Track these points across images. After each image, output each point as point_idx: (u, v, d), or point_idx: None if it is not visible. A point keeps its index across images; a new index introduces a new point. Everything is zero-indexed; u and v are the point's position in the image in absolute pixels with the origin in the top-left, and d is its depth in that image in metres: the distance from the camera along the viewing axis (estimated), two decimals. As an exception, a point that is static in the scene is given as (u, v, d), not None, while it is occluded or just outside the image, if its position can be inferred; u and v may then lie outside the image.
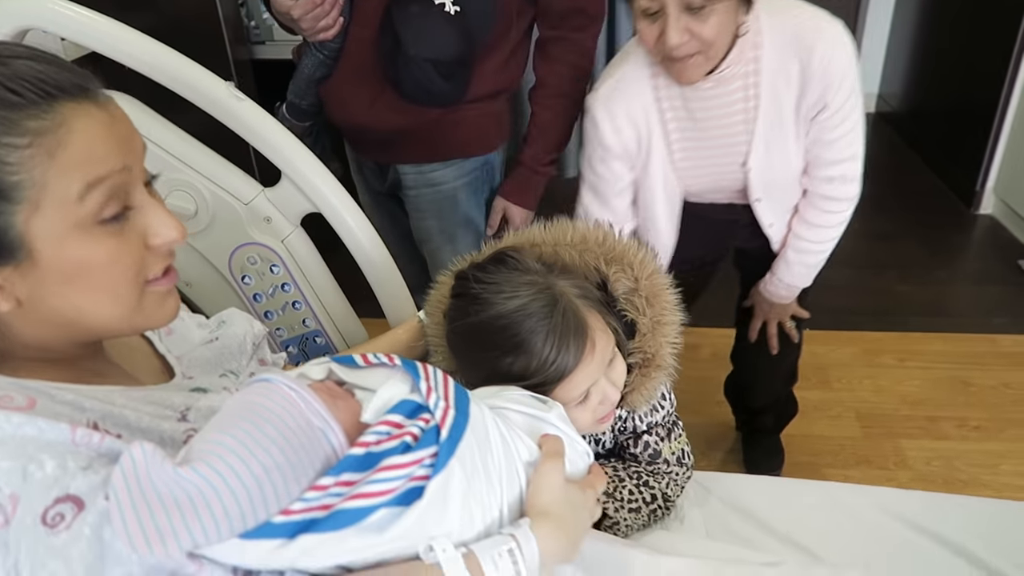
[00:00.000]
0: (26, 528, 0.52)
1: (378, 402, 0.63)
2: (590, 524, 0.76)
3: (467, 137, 1.45)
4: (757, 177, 1.30)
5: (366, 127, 1.42)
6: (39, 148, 0.56)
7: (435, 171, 1.46)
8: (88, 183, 0.58)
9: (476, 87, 1.38)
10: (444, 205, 1.49)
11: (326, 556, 0.58)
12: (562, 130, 1.47)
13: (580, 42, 1.41)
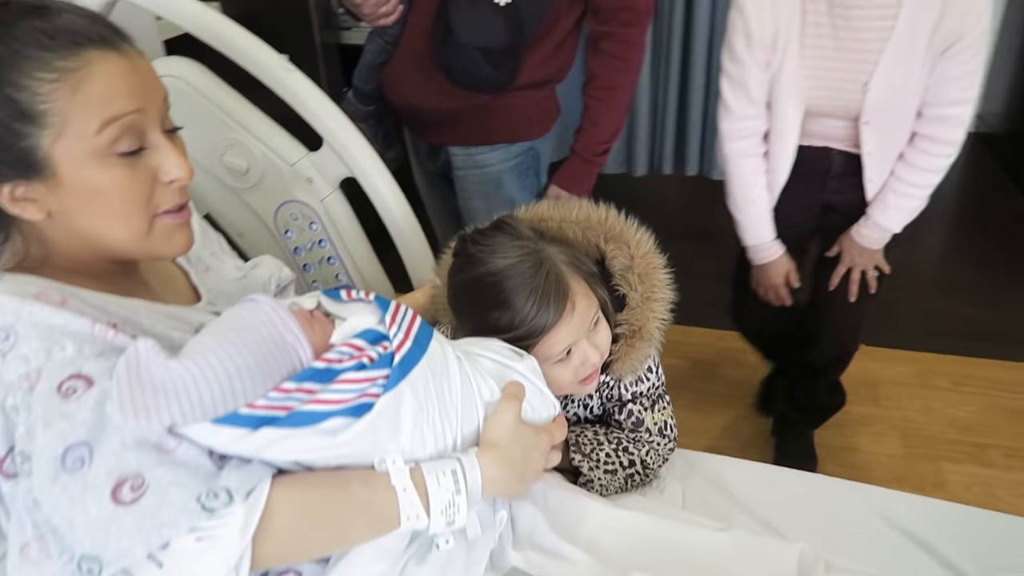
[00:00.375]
0: (44, 395, 0.64)
1: (346, 328, 0.73)
2: (542, 465, 0.83)
3: (513, 123, 1.52)
4: (874, 99, 1.34)
5: (420, 109, 1.51)
6: (64, 84, 0.67)
7: (482, 154, 1.53)
8: (105, 120, 0.69)
9: (523, 76, 1.45)
10: (489, 187, 1.56)
11: (285, 451, 0.68)
12: (612, 122, 1.52)
13: (629, 37, 1.45)
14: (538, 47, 1.45)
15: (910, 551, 1.01)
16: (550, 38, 1.46)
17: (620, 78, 1.48)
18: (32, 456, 0.63)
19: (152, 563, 0.63)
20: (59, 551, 0.62)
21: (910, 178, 1.42)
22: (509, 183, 1.57)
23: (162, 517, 0.62)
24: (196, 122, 1.16)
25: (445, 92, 1.43)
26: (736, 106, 1.43)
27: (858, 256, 1.56)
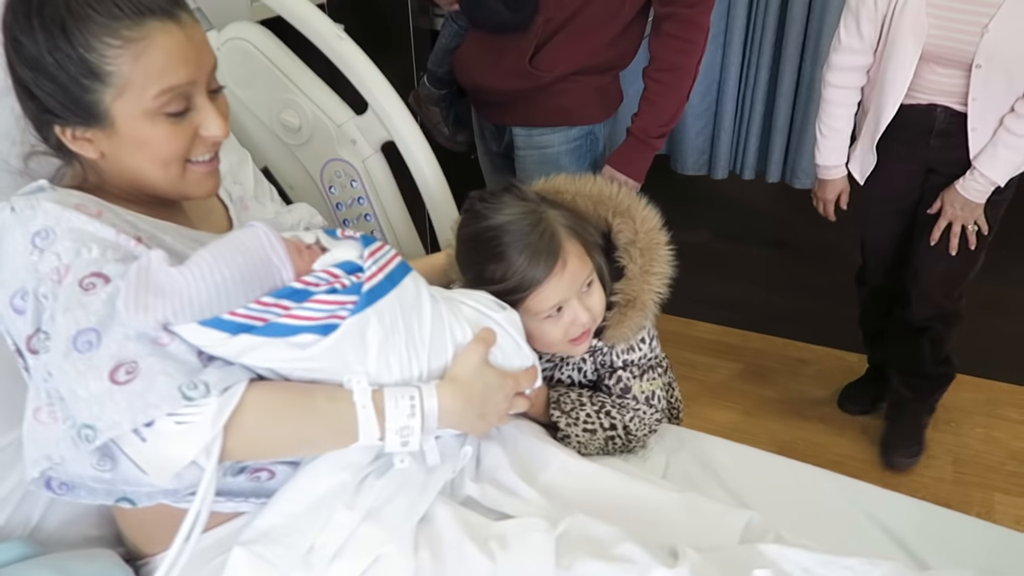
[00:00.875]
0: (68, 286, 0.76)
1: (328, 258, 0.81)
2: (505, 408, 0.90)
3: (574, 106, 1.57)
4: (989, 42, 1.44)
5: (487, 89, 1.59)
6: (128, 51, 0.78)
7: (543, 135, 1.59)
8: (161, 89, 0.80)
9: (586, 60, 1.50)
10: (548, 168, 1.57)
11: (261, 358, 0.78)
12: (671, 104, 1.55)
13: (691, 18, 1.47)
14: (601, 31, 1.49)
15: (884, 545, 1.01)
16: (614, 23, 1.50)
17: (682, 59, 1.50)
18: (51, 335, 0.75)
19: (136, 437, 0.73)
20: (64, 417, 0.74)
21: (1020, 130, 1.50)
22: (567, 165, 1.61)
23: (148, 399, 0.72)
24: (259, 82, 1.29)
25: (511, 73, 1.50)
26: (846, 38, 1.60)
27: (960, 209, 1.64)
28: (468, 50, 1.59)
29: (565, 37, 1.47)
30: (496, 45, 1.51)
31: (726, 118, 2.92)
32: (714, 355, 2.45)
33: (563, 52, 1.48)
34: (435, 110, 1.93)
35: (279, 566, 0.78)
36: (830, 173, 1.78)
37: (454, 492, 0.91)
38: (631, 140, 1.58)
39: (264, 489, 0.86)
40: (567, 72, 1.50)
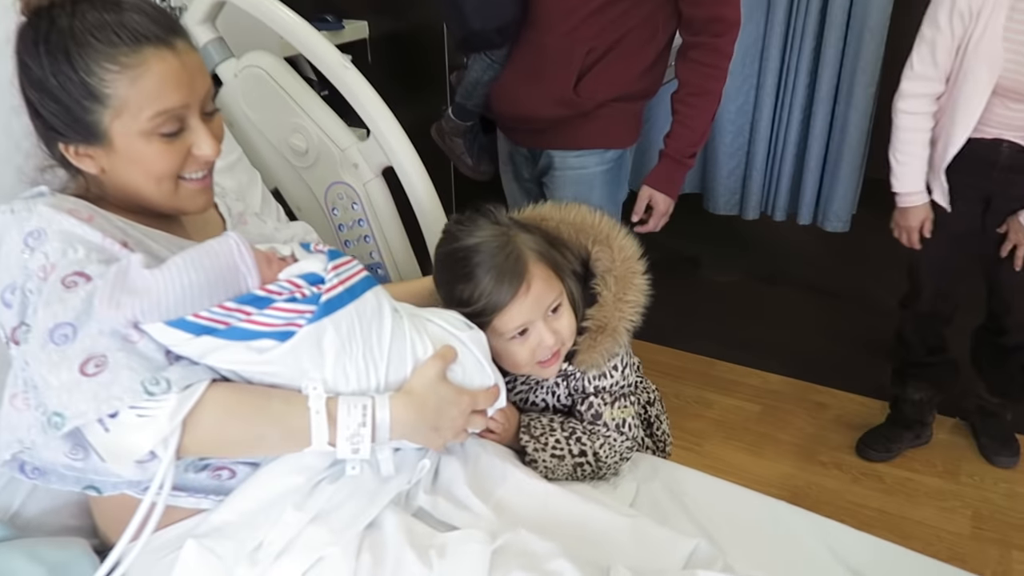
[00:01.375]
0: (52, 283, 0.82)
1: (294, 269, 0.86)
2: (460, 424, 0.92)
3: (609, 131, 1.66)
4: None
5: (529, 117, 1.67)
6: (125, 75, 0.84)
7: (579, 157, 1.68)
8: (155, 112, 0.86)
9: (621, 88, 1.60)
10: (582, 188, 1.70)
11: (222, 360, 0.82)
12: (700, 126, 1.64)
13: (719, 46, 1.57)
14: (638, 59, 1.60)
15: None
16: (647, 51, 1.60)
17: (711, 84, 1.60)
18: (32, 328, 0.81)
19: (100, 427, 0.78)
20: (36, 405, 0.79)
21: None
22: (600, 186, 1.71)
23: (112, 391, 0.77)
24: (270, 106, 1.37)
25: (554, 101, 1.59)
26: (919, 66, 1.64)
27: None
28: (508, 81, 1.67)
29: (605, 66, 1.57)
30: (538, 75, 1.59)
31: (758, 159, 2.93)
32: (732, 395, 2.42)
33: (604, 80, 1.58)
34: (459, 141, 1.99)
35: (226, 560, 0.82)
36: (911, 200, 1.78)
37: (408, 503, 0.93)
38: (667, 160, 1.67)
39: (224, 488, 0.90)
40: (607, 99, 1.59)
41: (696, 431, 2.24)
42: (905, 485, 2.05)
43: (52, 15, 0.84)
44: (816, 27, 2.66)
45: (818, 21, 2.65)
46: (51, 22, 0.83)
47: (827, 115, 2.75)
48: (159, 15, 0.89)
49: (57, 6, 0.84)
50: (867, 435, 2.17)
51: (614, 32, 1.54)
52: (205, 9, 1.36)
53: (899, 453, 2.12)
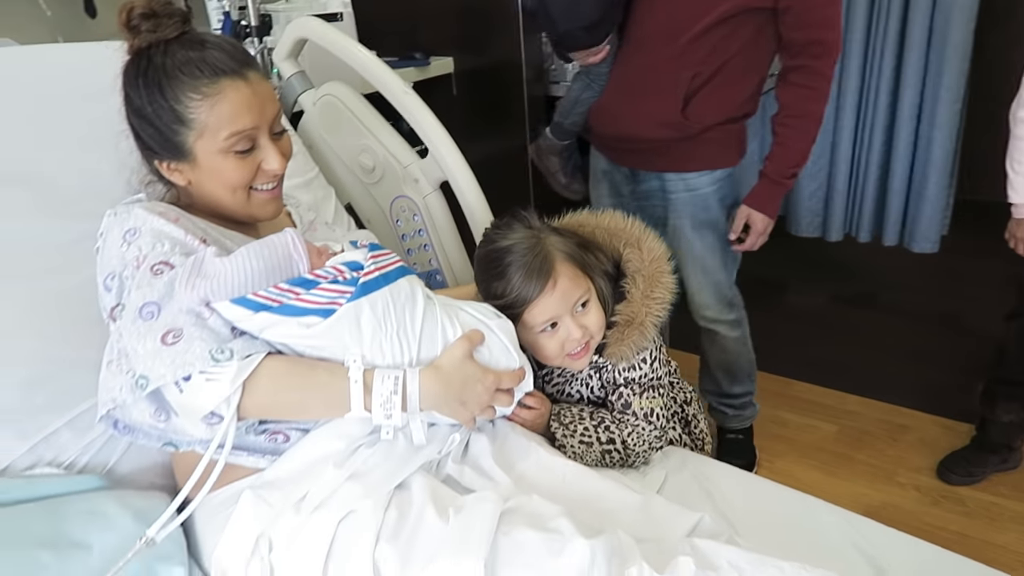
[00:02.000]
0: (143, 271, 0.98)
1: (339, 258, 0.99)
2: (485, 399, 1.02)
3: (719, 151, 1.71)
4: None
5: (633, 138, 1.71)
6: (205, 102, 1.01)
7: (694, 178, 1.72)
8: (230, 133, 1.02)
9: (730, 111, 1.65)
10: (698, 208, 1.74)
11: (277, 335, 0.96)
12: (801, 147, 1.66)
13: (818, 69, 1.58)
14: (743, 83, 1.64)
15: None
16: (752, 76, 1.65)
17: (810, 106, 1.61)
18: (126, 307, 0.97)
19: (176, 388, 0.92)
20: (127, 370, 0.95)
21: None
22: (714, 204, 1.75)
23: (186, 358, 0.92)
24: (343, 129, 1.53)
25: (660, 123, 1.63)
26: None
27: None
28: (611, 102, 1.73)
29: (711, 91, 1.60)
30: (642, 96, 1.64)
31: (840, 180, 2.90)
32: (809, 415, 2.39)
33: (711, 105, 1.61)
34: (555, 160, 2.07)
35: (275, 508, 0.94)
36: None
37: (437, 470, 1.03)
38: (766, 181, 1.70)
39: (279, 450, 1.03)
40: (715, 123, 1.63)
41: (769, 449, 2.23)
42: (989, 509, 1.96)
43: (150, 54, 1.01)
44: (895, 46, 2.64)
45: (897, 41, 2.63)
46: (148, 60, 1.01)
47: (910, 134, 2.71)
48: (235, 51, 1.05)
49: (154, 46, 1.01)
50: (949, 458, 2.10)
51: (719, 57, 1.57)
52: (289, 46, 1.54)
53: (983, 477, 2.04)
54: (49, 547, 0.93)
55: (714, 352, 2.01)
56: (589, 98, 1.74)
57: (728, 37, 1.55)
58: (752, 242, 1.75)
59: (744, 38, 1.56)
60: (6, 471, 1.05)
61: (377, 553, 0.89)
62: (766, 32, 1.57)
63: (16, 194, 1.18)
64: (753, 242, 1.75)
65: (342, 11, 1.94)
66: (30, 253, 1.17)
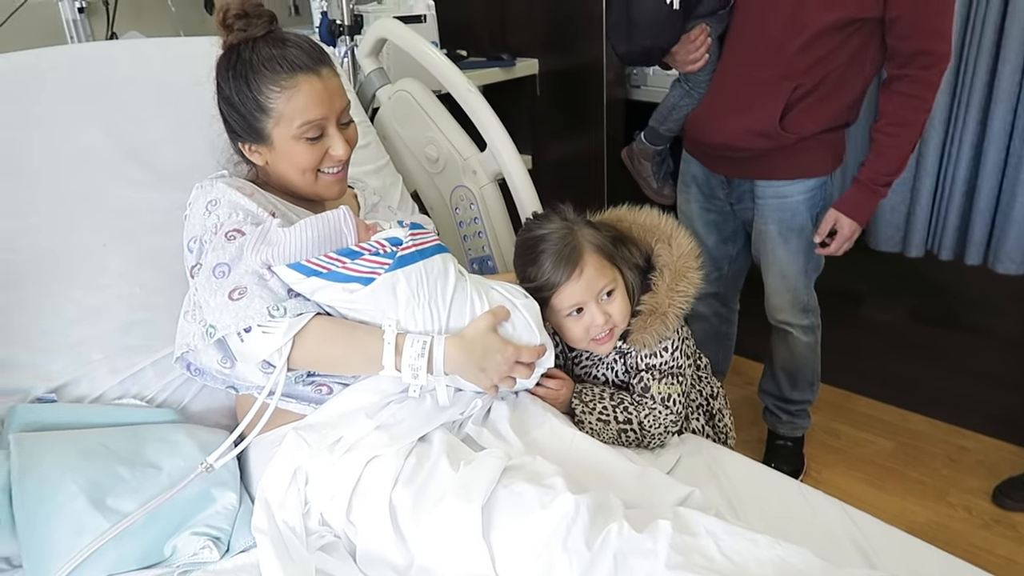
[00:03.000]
0: (219, 236, 1.14)
1: (383, 234, 1.12)
2: (504, 368, 1.12)
3: (814, 161, 1.72)
4: None
5: (731, 147, 1.72)
6: (284, 94, 1.16)
7: (785, 186, 1.74)
8: (303, 121, 1.16)
9: (830, 120, 1.65)
10: (786, 214, 1.76)
11: (325, 297, 1.10)
12: (899, 155, 1.64)
13: (925, 79, 1.56)
14: (844, 94, 1.64)
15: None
16: (855, 86, 1.65)
17: (913, 115, 1.59)
18: (203, 266, 1.13)
19: (238, 338, 1.08)
20: (199, 320, 1.11)
21: None
22: (803, 212, 1.77)
23: (248, 312, 1.06)
24: (412, 122, 1.67)
25: (757, 134, 1.65)
26: None
27: None
28: (708, 111, 1.75)
29: (812, 102, 1.61)
30: (743, 108, 1.65)
31: (923, 195, 2.83)
32: (865, 429, 2.38)
33: (810, 116, 1.62)
34: (647, 164, 2.11)
35: (312, 447, 1.08)
36: None
37: (458, 430, 1.15)
38: (859, 187, 1.68)
39: (323, 400, 1.17)
40: (812, 133, 1.64)
41: (819, 459, 2.24)
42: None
43: (239, 49, 1.16)
44: (990, 59, 2.56)
45: (992, 54, 2.55)
46: (238, 55, 1.16)
47: (1000, 152, 2.62)
48: (312, 49, 1.19)
49: (243, 43, 1.17)
50: (1006, 482, 2.06)
51: (824, 68, 1.56)
52: (371, 45, 1.69)
53: None
54: (128, 464, 1.11)
55: (781, 353, 2.03)
56: (687, 105, 1.78)
57: (835, 49, 1.54)
58: (837, 247, 1.73)
59: (851, 50, 1.55)
60: (99, 399, 1.24)
61: (394, 493, 1.01)
62: (873, 43, 1.56)
63: (132, 168, 1.37)
64: (838, 247, 1.73)
65: (426, 13, 2.08)
66: (140, 216, 1.35)
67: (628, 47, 1.63)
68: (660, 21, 1.54)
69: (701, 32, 1.64)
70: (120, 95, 1.41)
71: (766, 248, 1.82)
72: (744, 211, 1.85)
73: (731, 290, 2.13)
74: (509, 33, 2.87)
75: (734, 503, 1.17)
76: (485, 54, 2.82)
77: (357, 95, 1.73)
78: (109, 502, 1.04)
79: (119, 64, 1.44)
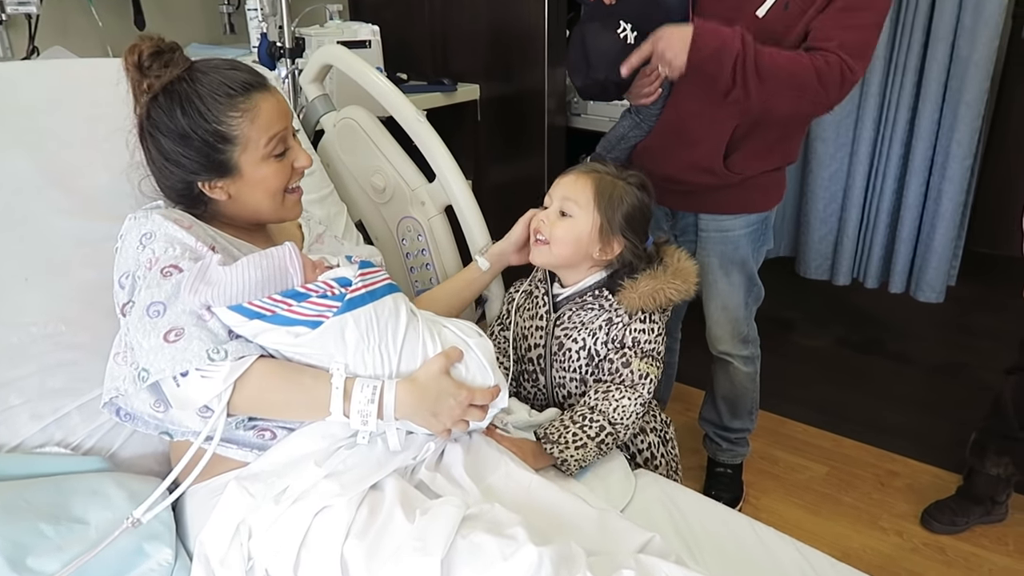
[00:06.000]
0: (154, 273, 1.07)
1: (331, 274, 1.08)
2: (457, 412, 1.09)
3: (758, 197, 1.75)
4: None
5: (678, 180, 1.71)
6: (245, 117, 1.11)
7: (727, 220, 1.76)
8: (270, 136, 1.12)
9: (777, 160, 1.69)
10: (728, 247, 1.79)
11: (269, 341, 1.04)
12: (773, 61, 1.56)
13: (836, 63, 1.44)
14: (783, 136, 1.67)
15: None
16: (799, 128, 1.69)
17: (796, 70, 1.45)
18: (135, 304, 1.06)
19: (174, 382, 1.01)
20: (131, 362, 1.04)
21: None
22: (744, 246, 1.80)
23: (185, 356, 1.00)
24: (358, 150, 1.63)
25: (703, 170, 1.66)
26: None
27: None
28: (657, 143, 1.73)
29: (754, 143, 1.63)
30: (687, 143, 1.66)
31: (850, 225, 2.95)
32: (800, 455, 2.42)
33: (753, 156, 1.65)
34: None
35: (257, 499, 1.03)
36: None
37: (411, 475, 1.11)
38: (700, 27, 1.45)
39: (266, 446, 1.12)
40: (756, 173, 1.67)
41: (757, 485, 2.27)
42: (969, 560, 1.99)
43: (179, 88, 1.10)
44: (911, 99, 2.70)
45: (913, 94, 2.68)
46: (182, 91, 1.10)
47: (921, 185, 2.75)
48: (247, 67, 1.16)
49: (177, 80, 1.11)
50: (933, 506, 2.12)
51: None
52: (315, 71, 1.65)
53: (966, 527, 2.06)
54: (51, 520, 1.02)
55: (722, 382, 2.06)
56: (636, 136, 1.79)
57: None
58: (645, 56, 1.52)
59: None
60: (19, 448, 1.15)
61: (346, 547, 0.96)
62: None
63: (58, 195, 1.28)
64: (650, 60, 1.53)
65: (371, 39, 2.04)
66: (67, 247, 1.26)
67: (584, 82, 1.62)
68: (616, 57, 1.54)
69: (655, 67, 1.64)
70: (46, 117, 1.32)
71: (708, 280, 1.85)
72: (687, 243, 1.87)
73: (674, 320, 2.15)
74: (451, 58, 2.85)
75: (691, 545, 1.16)
76: (426, 78, 2.79)
77: (300, 121, 1.68)
78: (30, 562, 0.96)
79: (46, 84, 1.35)
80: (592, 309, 1.36)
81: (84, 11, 2.13)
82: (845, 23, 1.46)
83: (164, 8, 2.36)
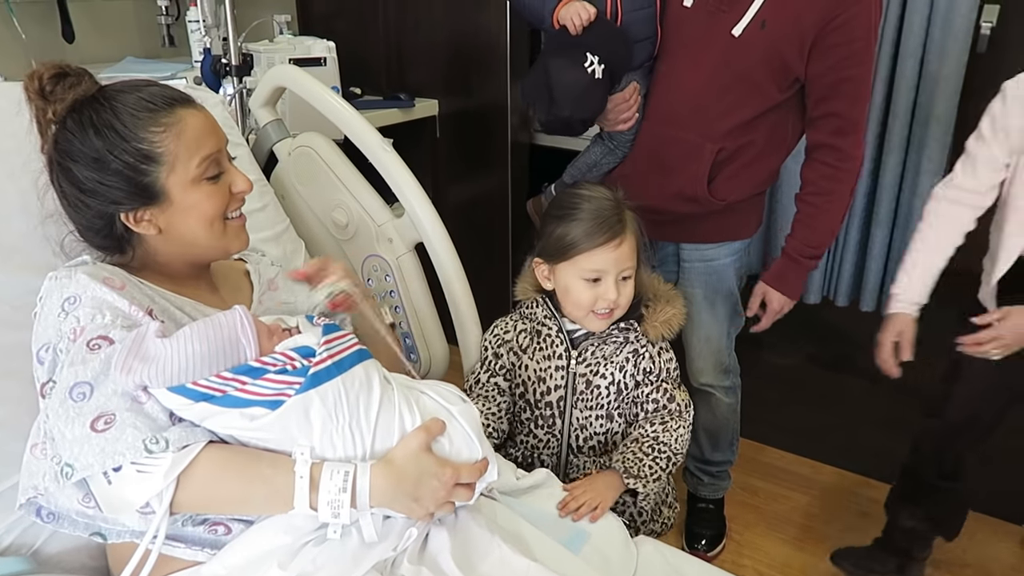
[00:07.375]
0: (79, 345, 0.91)
1: (290, 342, 0.93)
2: (442, 495, 0.95)
3: (739, 224, 1.68)
4: None
5: (656, 209, 1.56)
6: (170, 132, 0.96)
7: (711, 249, 1.69)
8: (201, 157, 0.98)
9: (755, 185, 1.62)
10: (712, 278, 1.72)
11: (218, 425, 0.89)
12: (825, 225, 1.59)
13: (842, 148, 1.51)
14: (767, 162, 1.59)
15: None
16: (780, 153, 1.60)
17: (833, 185, 1.53)
18: (57, 383, 0.90)
19: (104, 479, 0.85)
20: (52, 455, 0.87)
21: None
22: (730, 275, 1.73)
23: (117, 447, 0.84)
24: (318, 182, 1.48)
25: (684, 198, 1.58)
26: (959, 176, 1.51)
27: None
28: (634, 171, 1.65)
29: (737, 169, 1.55)
30: (667, 171, 1.58)
31: (820, 243, 2.88)
32: (780, 483, 2.35)
33: (737, 182, 1.57)
34: None
35: (209, 612, 0.87)
36: (898, 305, 1.65)
37: (392, 571, 0.96)
38: (786, 260, 1.62)
39: (220, 542, 0.96)
40: (738, 200, 1.59)
41: (738, 519, 2.18)
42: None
43: (89, 107, 0.96)
44: (880, 114, 2.64)
45: (882, 109, 2.63)
46: (93, 111, 0.95)
47: (891, 203, 2.70)
48: (175, 88, 1.02)
49: (89, 99, 0.96)
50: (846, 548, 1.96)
51: (745, 134, 1.52)
52: (267, 94, 1.49)
53: None
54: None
55: (703, 415, 1.97)
56: (609, 163, 1.69)
57: (757, 117, 1.51)
58: (767, 322, 1.69)
59: (773, 119, 1.52)
60: (-80, 550, 0.98)
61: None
62: (795, 112, 1.54)
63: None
64: (768, 322, 1.69)
65: (326, 56, 1.89)
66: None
67: (547, 117, 1.52)
68: (580, 94, 1.43)
69: (633, 91, 1.53)
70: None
71: (691, 312, 1.75)
72: (667, 274, 1.77)
73: None
74: (407, 71, 2.71)
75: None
76: (381, 92, 2.65)
77: (251, 149, 1.51)
78: None
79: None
80: (616, 342, 1.35)
81: (4, 20, 1.92)
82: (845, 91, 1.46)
83: (95, 18, 2.16)
